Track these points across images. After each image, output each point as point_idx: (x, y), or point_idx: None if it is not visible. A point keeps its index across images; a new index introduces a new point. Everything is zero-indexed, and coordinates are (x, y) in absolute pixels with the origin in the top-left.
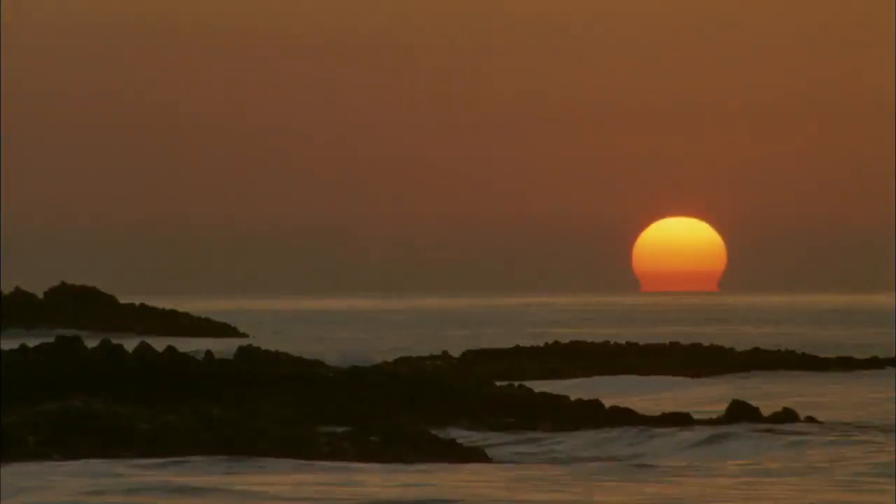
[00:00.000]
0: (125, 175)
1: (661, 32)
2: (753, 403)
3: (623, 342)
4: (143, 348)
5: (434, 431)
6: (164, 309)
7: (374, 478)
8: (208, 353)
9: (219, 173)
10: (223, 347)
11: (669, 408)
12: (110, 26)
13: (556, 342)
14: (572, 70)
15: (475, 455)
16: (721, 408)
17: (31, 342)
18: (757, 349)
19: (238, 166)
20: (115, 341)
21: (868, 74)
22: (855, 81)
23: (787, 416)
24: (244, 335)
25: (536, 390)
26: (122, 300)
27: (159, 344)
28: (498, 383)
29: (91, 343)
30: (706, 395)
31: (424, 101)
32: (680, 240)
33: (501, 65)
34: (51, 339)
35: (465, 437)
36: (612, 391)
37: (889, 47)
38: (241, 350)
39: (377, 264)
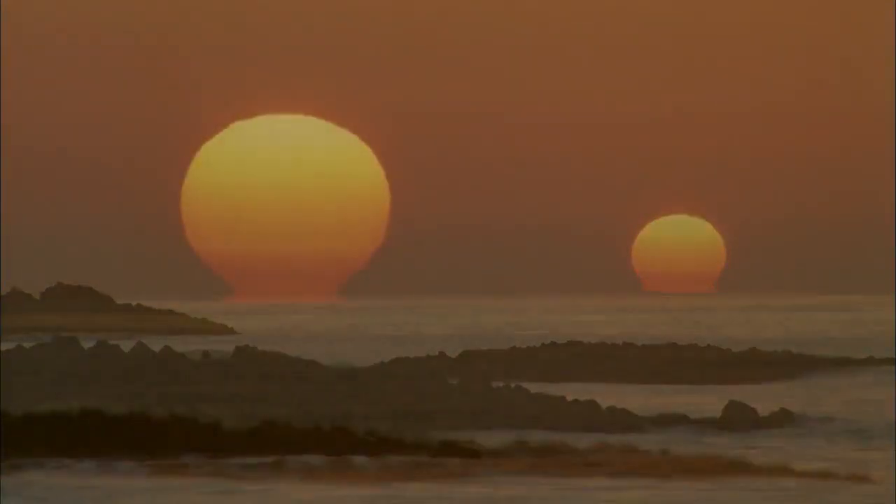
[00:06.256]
0: (123, 176)
1: (661, 36)
2: (750, 404)
3: (620, 342)
4: (140, 348)
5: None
6: (160, 309)
7: (370, 475)
8: (205, 353)
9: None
10: (220, 347)
11: (667, 408)
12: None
13: (553, 342)
14: (575, 74)
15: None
16: (718, 408)
17: (29, 342)
18: (754, 349)
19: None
20: (111, 341)
21: (867, 76)
22: (854, 83)
23: (784, 415)
24: (241, 335)
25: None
26: (119, 300)
27: (156, 344)
28: (494, 384)
29: (87, 343)
30: (703, 395)
31: (428, 104)
32: (680, 239)
33: (508, 70)
34: (48, 339)
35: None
36: (610, 391)
37: (888, 48)
38: (239, 350)
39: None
